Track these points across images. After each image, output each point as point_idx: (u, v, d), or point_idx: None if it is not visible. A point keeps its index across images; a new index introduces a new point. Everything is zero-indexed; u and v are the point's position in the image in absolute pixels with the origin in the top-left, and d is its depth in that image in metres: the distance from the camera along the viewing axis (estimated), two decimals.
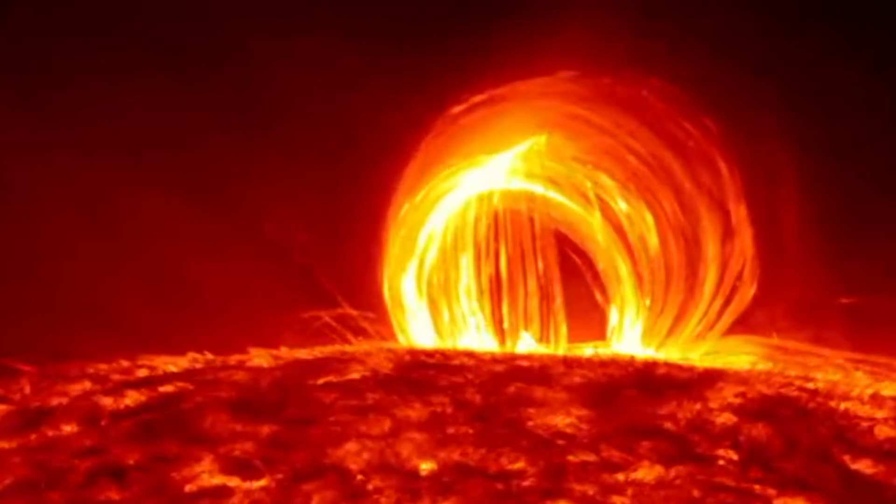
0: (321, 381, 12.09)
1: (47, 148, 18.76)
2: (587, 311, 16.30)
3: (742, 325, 16.35)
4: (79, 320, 17.50)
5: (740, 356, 15.27)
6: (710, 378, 12.42)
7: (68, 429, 11.47)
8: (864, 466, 10.86)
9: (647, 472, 10.41)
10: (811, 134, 18.19)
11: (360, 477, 10.33)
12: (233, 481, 10.40)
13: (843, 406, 12.03)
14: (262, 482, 10.35)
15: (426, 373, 12.25)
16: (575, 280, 16.26)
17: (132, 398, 11.99)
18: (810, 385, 12.69)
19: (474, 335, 15.82)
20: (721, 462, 10.67)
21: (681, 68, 16.93)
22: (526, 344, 15.54)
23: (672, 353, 15.35)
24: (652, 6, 18.69)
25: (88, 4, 19.17)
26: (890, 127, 19.05)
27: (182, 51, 19.31)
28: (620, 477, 10.36)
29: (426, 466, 10.51)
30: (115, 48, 19.29)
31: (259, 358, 13.22)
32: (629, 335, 16.06)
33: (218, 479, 10.42)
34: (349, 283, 16.82)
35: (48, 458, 10.93)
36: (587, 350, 14.44)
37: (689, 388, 11.94)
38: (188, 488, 10.37)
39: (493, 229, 16.05)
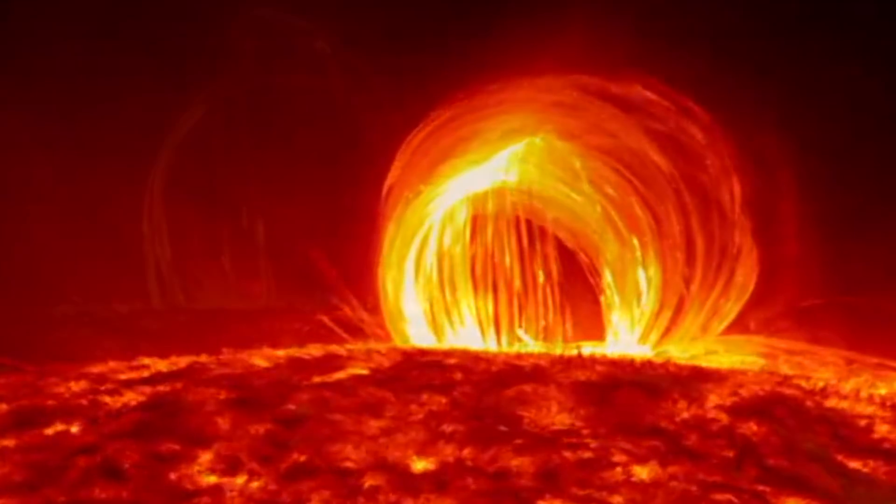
0: (318, 379, 12.09)
1: (47, 148, 18.84)
2: (585, 311, 16.32)
3: (740, 324, 16.38)
4: (79, 320, 17.56)
5: (738, 355, 15.29)
6: (708, 377, 12.42)
7: (67, 428, 11.47)
8: (860, 465, 10.85)
9: (643, 471, 10.40)
10: (810, 133, 18.21)
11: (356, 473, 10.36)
12: (230, 480, 10.41)
13: (839, 405, 12.03)
14: (260, 481, 10.37)
15: (423, 372, 12.25)
16: (573, 280, 16.28)
17: (131, 398, 11.99)
18: (807, 384, 12.70)
19: (471, 334, 15.84)
20: (718, 461, 10.66)
21: (681, 68, 16.94)
22: (523, 343, 15.55)
23: (670, 352, 15.36)
24: (652, 6, 18.74)
25: (88, 5, 19.24)
26: (889, 127, 19.07)
27: (182, 51, 19.38)
28: (617, 475, 10.36)
29: (423, 465, 10.52)
30: (115, 48, 19.38)
31: (257, 357, 13.23)
32: (627, 335, 16.08)
33: (215, 478, 10.43)
34: (348, 283, 16.85)
35: (46, 457, 10.93)
36: (585, 349, 14.42)
37: (686, 387, 11.93)
38: (185, 487, 10.37)
39: (491, 229, 16.05)
